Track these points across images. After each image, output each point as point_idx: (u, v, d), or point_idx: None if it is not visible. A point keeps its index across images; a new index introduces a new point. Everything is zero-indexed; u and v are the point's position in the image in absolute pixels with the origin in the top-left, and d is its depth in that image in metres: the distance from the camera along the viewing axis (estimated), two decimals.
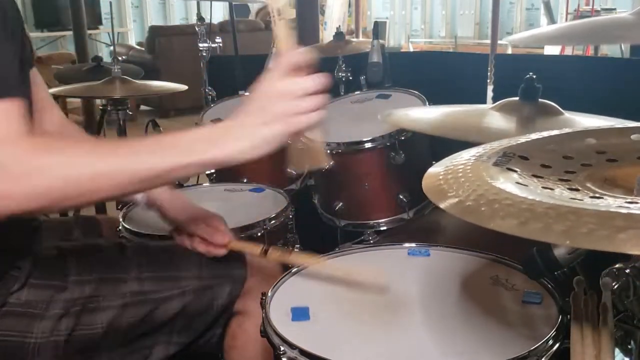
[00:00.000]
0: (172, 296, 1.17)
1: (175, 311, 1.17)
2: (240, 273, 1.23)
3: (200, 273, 1.20)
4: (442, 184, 0.72)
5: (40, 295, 1.06)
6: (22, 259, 1.07)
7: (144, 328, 1.16)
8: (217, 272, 1.22)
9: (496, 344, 0.91)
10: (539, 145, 0.84)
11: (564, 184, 0.71)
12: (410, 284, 1.11)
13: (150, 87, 2.41)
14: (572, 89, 1.77)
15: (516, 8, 8.13)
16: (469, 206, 0.65)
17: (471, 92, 2.11)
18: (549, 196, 0.65)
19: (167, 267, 1.20)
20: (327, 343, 0.93)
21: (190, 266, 1.21)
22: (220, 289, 1.21)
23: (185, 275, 1.20)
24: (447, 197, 0.69)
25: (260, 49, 2.28)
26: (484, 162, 0.77)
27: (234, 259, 1.25)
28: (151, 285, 1.16)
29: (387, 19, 9.40)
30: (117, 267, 1.16)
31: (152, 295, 1.16)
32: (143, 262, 1.18)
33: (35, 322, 1.05)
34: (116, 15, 9.21)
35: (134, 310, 1.14)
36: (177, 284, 1.18)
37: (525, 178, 0.72)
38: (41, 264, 1.09)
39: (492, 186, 0.68)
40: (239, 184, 1.86)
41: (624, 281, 0.76)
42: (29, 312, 1.05)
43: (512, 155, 0.80)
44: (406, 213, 1.70)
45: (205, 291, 1.20)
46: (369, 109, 1.92)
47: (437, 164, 0.81)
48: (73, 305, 1.08)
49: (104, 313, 1.11)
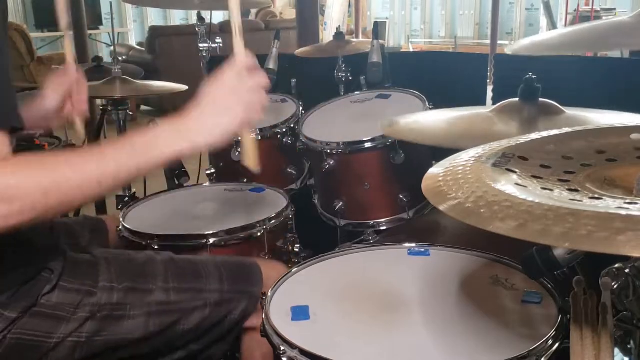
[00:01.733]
0: (195, 308, 1.19)
1: (196, 322, 1.19)
2: (256, 290, 1.24)
3: (221, 287, 1.23)
4: (442, 186, 0.72)
5: (70, 299, 1.08)
6: (53, 261, 1.09)
7: (166, 338, 1.18)
8: (237, 287, 1.24)
9: (496, 344, 0.91)
10: (538, 146, 0.84)
11: (564, 184, 0.71)
12: (410, 284, 1.11)
13: (150, 87, 2.41)
14: (572, 89, 1.77)
15: (516, 8, 8.13)
16: (468, 208, 0.65)
17: (471, 92, 2.11)
18: (549, 197, 0.65)
19: (191, 279, 1.22)
20: (327, 343, 0.93)
21: (213, 279, 1.23)
22: (237, 304, 1.23)
23: (208, 288, 1.22)
24: (447, 199, 0.69)
25: (260, 49, 2.27)
26: (483, 163, 0.77)
27: (254, 275, 1.27)
28: (176, 296, 1.18)
29: (387, 19, 9.41)
30: (145, 277, 1.18)
31: (176, 306, 1.18)
32: (170, 273, 1.21)
33: (62, 324, 1.07)
34: (116, 16, 9.22)
35: (159, 320, 1.16)
36: (200, 296, 1.20)
37: (525, 179, 0.72)
38: (73, 267, 1.11)
39: (492, 188, 0.68)
40: (239, 184, 1.87)
41: (624, 281, 0.76)
42: (56, 314, 1.07)
43: (512, 156, 0.80)
44: (406, 213, 1.70)
45: (223, 305, 1.22)
46: (369, 109, 1.92)
47: (436, 165, 0.81)
48: (99, 310, 1.10)
49: (129, 321, 1.13)
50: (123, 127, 2.37)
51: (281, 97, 2.16)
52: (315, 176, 1.91)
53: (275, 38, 2.06)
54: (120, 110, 2.35)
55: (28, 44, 6.42)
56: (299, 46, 3.34)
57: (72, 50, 1.45)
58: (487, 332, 0.95)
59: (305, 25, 3.95)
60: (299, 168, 2.02)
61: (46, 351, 1.06)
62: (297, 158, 2.01)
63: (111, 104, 2.37)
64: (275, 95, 2.18)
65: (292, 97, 2.15)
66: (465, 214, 0.64)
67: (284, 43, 2.14)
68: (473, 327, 0.97)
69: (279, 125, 1.95)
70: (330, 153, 1.69)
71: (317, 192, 1.90)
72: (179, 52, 6.02)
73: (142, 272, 1.19)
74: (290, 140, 1.95)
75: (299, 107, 2.04)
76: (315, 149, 1.74)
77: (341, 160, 1.69)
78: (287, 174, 1.99)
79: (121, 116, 2.36)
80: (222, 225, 1.50)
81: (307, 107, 2.01)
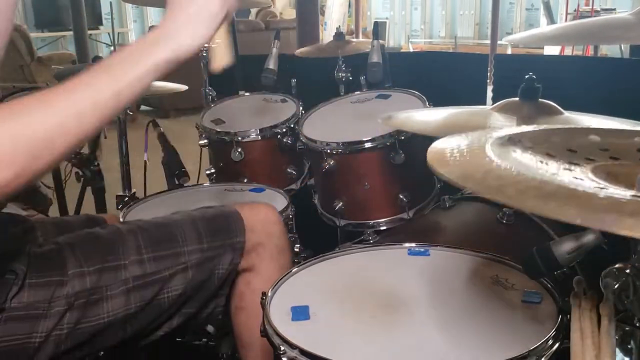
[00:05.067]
0: (176, 273, 1.14)
1: (181, 287, 1.14)
2: (240, 241, 1.20)
3: (200, 245, 1.17)
4: (448, 157, 0.71)
5: (41, 295, 1.03)
6: (16, 262, 1.03)
7: (153, 311, 1.13)
8: (217, 242, 1.19)
9: (496, 344, 0.91)
10: (543, 136, 0.83)
11: (569, 172, 0.71)
12: (410, 284, 1.11)
13: (150, 87, 2.41)
14: (572, 89, 1.77)
15: (516, 8, 8.13)
16: (481, 178, 0.64)
17: (471, 92, 2.11)
18: (559, 179, 0.64)
19: (166, 243, 1.16)
20: (327, 343, 0.93)
21: (190, 239, 1.17)
22: (221, 258, 1.19)
23: (186, 249, 1.16)
24: (449, 165, 0.68)
25: (260, 49, 2.27)
26: (492, 143, 0.76)
27: (233, 225, 1.22)
28: (153, 265, 1.13)
29: (387, 19, 9.41)
30: (116, 253, 1.11)
31: (155, 277, 1.12)
32: (141, 242, 1.14)
33: (39, 322, 1.02)
34: (116, 16, 9.21)
35: (140, 295, 1.11)
36: (178, 260, 1.15)
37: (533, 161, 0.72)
38: (37, 263, 1.06)
39: (501, 162, 0.67)
40: (239, 184, 1.86)
41: (624, 281, 0.76)
42: (31, 314, 1.02)
43: (518, 141, 0.79)
44: (406, 213, 1.70)
45: (206, 263, 1.17)
46: (369, 109, 1.92)
47: (439, 140, 0.80)
48: (76, 299, 1.05)
49: (108, 303, 1.08)
50: (123, 127, 2.37)
51: (281, 97, 2.16)
52: (315, 176, 1.91)
53: (275, 38, 2.07)
54: None
55: (28, 44, 6.42)
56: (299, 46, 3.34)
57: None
58: (487, 332, 0.95)
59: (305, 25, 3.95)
60: (299, 168, 2.02)
61: (32, 352, 1.02)
62: (297, 158, 2.01)
63: None
64: (275, 95, 2.18)
65: (292, 97, 2.15)
66: (468, 179, 0.63)
67: (284, 43, 2.14)
68: (473, 327, 0.97)
69: (279, 125, 1.95)
70: (330, 153, 1.69)
71: (317, 192, 1.90)
72: None
73: (112, 249, 1.11)
74: (290, 140, 1.94)
75: (299, 107, 2.04)
76: (315, 149, 1.74)
77: (341, 160, 1.69)
78: (287, 174, 1.99)
79: (121, 116, 2.35)
80: None
81: (307, 107, 2.01)
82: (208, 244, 1.18)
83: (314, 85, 2.27)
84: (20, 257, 1.04)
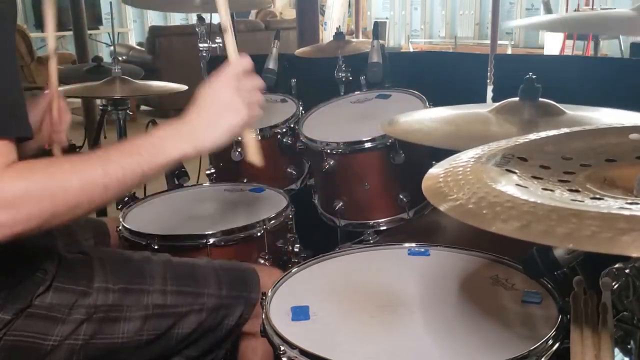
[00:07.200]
0: (191, 312, 1.18)
1: (192, 327, 1.18)
2: (254, 297, 1.24)
3: (219, 291, 1.21)
4: (442, 187, 0.72)
5: (64, 299, 1.07)
6: (48, 261, 1.08)
7: (162, 343, 1.17)
8: (234, 293, 1.23)
9: (496, 344, 0.91)
10: (537, 146, 0.84)
11: (564, 185, 0.71)
12: (410, 283, 1.11)
13: (150, 87, 2.40)
14: (572, 89, 1.77)
15: (516, 8, 8.13)
16: (470, 209, 0.64)
17: (471, 92, 2.10)
18: (550, 198, 0.64)
19: (189, 282, 1.21)
20: (327, 343, 0.93)
21: (211, 283, 1.22)
22: (234, 309, 1.22)
23: (206, 292, 1.21)
24: (448, 199, 0.68)
25: (260, 49, 2.27)
26: (483, 163, 0.77)
27: (249, 280, 1.26)
28: (174, 299, 1.17)
29: (387, 19, 9.40)
30: (142, 277, 1.17)
31: (173, 310, 1.17)
32: (167, 274, 1.19)
33: (57, 325, 1.06)
34: (116, 16, 9.21)
35: (155, 324, 1.15)
36: (197, 300, 1.19)
37: (525, 180, 0.72)
38: (67, 267, 1.10)
39: (493, 188, 0.67)
40: (239, 184, 1.86)
41: (624, 281, 0.76)
42: (51, 316, 1.05)
43: (511, 157, 0.79)
44: (406, 213, 1.70)
45: (220, 310, 1.21)
46: (369, 109, 1.92)
47: (436, 165, 0.81)
48: (95, 312, 1.09)
49: (126, 323, 1.12)
50: (123, 127, 2.37)
51: (281, 97, 2.16)
52: (315, 176, 1.91)
53: (275, 38, 2.07)
54: (120, 110, 2.35)
55: (28, 44, 6.41)
56: (299, 46, 3.34)
57: (56, 78, 1.40)
58: (487, 332, 0.95)
59: (305, 25, 3.95)
60: (299, 168, 2.02)
61: (43, 354, 1.05)
62: (297, 158, 2.01)
63: (111, 104, 2.37)
64: (275, 95, 2.18)
65: (292, 97, 2.15)
66: (468, 215, 0.64)
67: (284, 43, 2.14)
68: (473, 327, 0.97)
69: (279, 125, 1.95)
70: (330, 153, 1.69)
71: (317, 192, 1.90)
72: (179, 52, 6.01)
73: (139, 273, 1.17)
74: (290, 140, 1.95)
75: (299, 107, 2.04)
76: (315, 149, 1.74)
77: (341, 160, 1.69)
78: (287, 174, 1.99)
79: (121, 116, 2.36)
80: (222, 225, 1.50)
81: (307, 107, 2.01)
82: (226, 292, 1.22)
83: (314, 85, 2.27)
84: (51, 257, 1.09)
